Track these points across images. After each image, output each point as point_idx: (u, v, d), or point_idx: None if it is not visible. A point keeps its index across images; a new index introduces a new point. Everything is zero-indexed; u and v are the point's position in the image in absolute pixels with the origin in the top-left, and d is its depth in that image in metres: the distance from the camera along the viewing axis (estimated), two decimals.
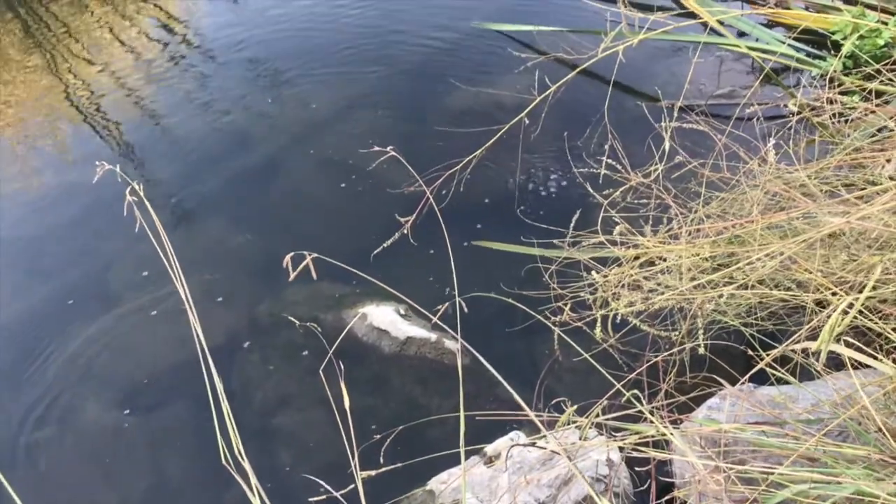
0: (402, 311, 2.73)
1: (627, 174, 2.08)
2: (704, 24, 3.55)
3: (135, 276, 2.92)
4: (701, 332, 1.83)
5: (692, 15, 3.44)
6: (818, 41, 3.70)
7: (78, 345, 2.72)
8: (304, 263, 1.57)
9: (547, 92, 2.46)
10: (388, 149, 2.27)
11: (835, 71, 3.44)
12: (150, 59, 4.17)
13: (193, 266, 2.72)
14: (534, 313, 1.89)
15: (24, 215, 3.26)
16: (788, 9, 4.00)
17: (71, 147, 3.64)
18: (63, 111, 3.85)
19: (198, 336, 2.02)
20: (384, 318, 2.68)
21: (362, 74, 3.84)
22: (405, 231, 2.27)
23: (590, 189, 2.18)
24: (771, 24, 3.94)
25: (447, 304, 2.16)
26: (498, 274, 2.63)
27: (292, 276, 1.53)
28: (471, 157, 2.49)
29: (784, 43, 3.63)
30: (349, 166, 3.24)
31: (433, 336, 2.61)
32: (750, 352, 1.89)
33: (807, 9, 4.02)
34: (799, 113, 2.15)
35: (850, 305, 1.53)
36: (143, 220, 2.17)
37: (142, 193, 2.24)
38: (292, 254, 1.62)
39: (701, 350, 1.82)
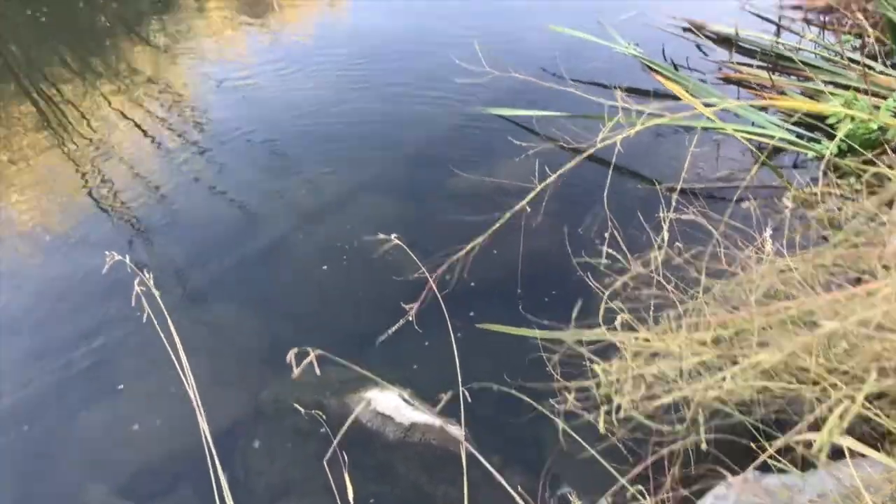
0: (406, 397, 2.73)
1: (628, 263, 2.12)
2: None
3: (139, 360, 2.94)
4: (703, 422, 1.83)
5: None
6: (812, 124, 3.79)
7: (80, 430, 2.72)
8: (307, 360, 1.59)
9: (547, 181, 2.52)
10: (392, 237, 2.32)
11: (830, 154, 3.53)
12: (159, 143, 4.27)
13: (198, 351, 2.73)
14: (537, 405, 1.90)
15: (29, 297, 3.28)
16: (783, 94, 4.11)
17: (78, 229, 3.68)
18: (72, 193, 3.92)
19: (202, 422, 2.04)
20: (388, 403, 2.69)
21: (366, 159, 3.93)
22: (409, 318, 2.31)
23: (591, 279, 2.21)
24: (765, 108, 4.05)
25: (450, 392, 2.18)
26: (501, 358, 2.64)
27: (296, 373, 1.55)
28: (472, 244, 2.53)
29: (779, 127, 3.72)
30: (354, 252, 3.29)
31: (437, 422, 2.61)
32: (753, 442, 1.89)
33: (801, 93, 4.13)
34: (795, 208, 2.20)
35: (851, 398, 1.54)
36: (148, 305, 2.21)
37: (150, 283, 2.30)
38: (296, 350, 1.64)
39: (704, 443, 1.82)
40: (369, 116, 4.36)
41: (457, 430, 2.55)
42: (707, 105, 2.93)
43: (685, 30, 4.93)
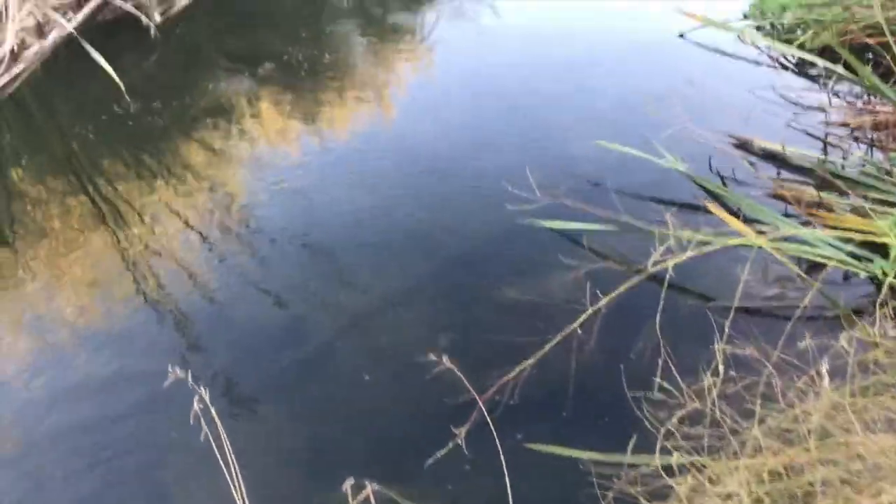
0: None
1: (681, 395, 2.11)
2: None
3: (185, 468, 2.95)
4: None
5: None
6: (865, 241, 3.76)
7: None
8: (363, 494, 1.60)
9: (597, 305, 2.55)
10: (444, 359, 2.35)
11: (883, 274, 3.50)
12: (209, 242, 4.38)
13: (243, 458, 2.74)
14: None
15: (79, 402, 3.33)
16: (832, 211, 4.11)
17: (126, 330, 3.75)
18: (122, 290, 4.01)
19: None
20: None
21: (413, 267, 3.99)
22: (459, 441, 2.31)
23: (645, 411, 2.21)
24: (814, 224, 4.05)
25: None
26: (552, 478, 2.61)
27: None
28: (521, 367, 2.55)
29: (831, 246, 3.71)
30: (400, 364, 3.30)
31: None
32: None
33: (850, 211, 4.12)
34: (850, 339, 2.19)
35: None
36: (199, 414, 2.25)
37: (207, 400, 2.34)
38: (352, 481, 1.65)
39: None
40: (417, 224, 4.44)
41: None
42: (759, 232, 2.95)
43: (732, 145, 4.99)
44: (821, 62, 5.55)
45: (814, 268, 3.77)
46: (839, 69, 5.38)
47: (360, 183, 4.92)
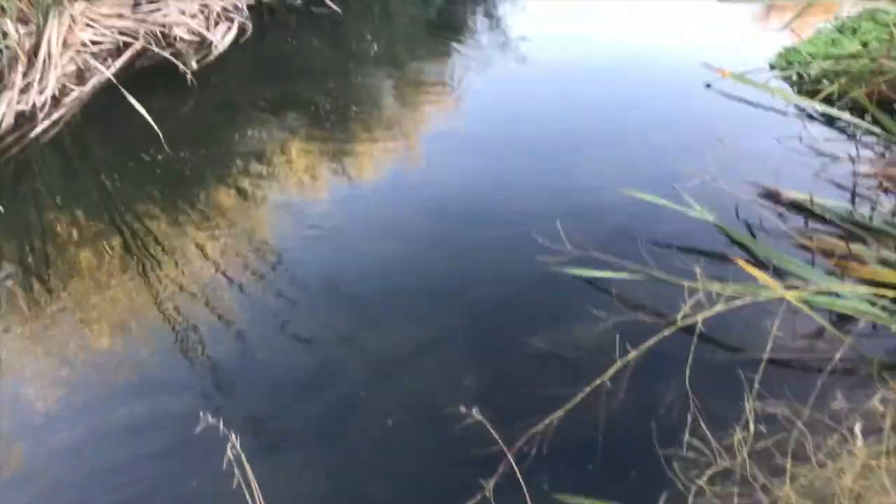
0: None
1: (712, 453, 2.10)
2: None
3: None
4: None
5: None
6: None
7: None
8: None
9: (627, 358, 2.56)
10: (472, 410, 2.37)
11: None
12: (238, 284, 4.44)
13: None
14: None
15: (102, 444, 3.36)
16: (861, 262, 4.09)
17: (156, 372, 3.79)
18: (152, 333, 4.07)
19: None
20: None
21: (440, 315, 4.02)
22: (487, 494, 2.32)
23: (676, 469, 2.20)
24: (844, 276, 4.04)
25: None
26: None
27: None
28: (549, 419, 2.56)
29: (861, 299, 3.69)
30: (429, 416, 3.31)
31: None
32: None
33: (880, 263, 4.11)
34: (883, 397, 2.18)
35: None
36: (231, 455, 2.27)
37: (237, 444, 2.37)
38: None
39: None
40: (445, 272, 4.48)
41: None
42: (789, 286, 2.96)
43: (759, 195, 5.01)
44: (847, 117, 5.57)
45: (845, 321, 3.76)
46: (865, 123, 5.40)
47: (387, 231, 4.98)
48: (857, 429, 2.02)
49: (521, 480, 2.30)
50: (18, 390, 3.71)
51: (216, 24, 8.38)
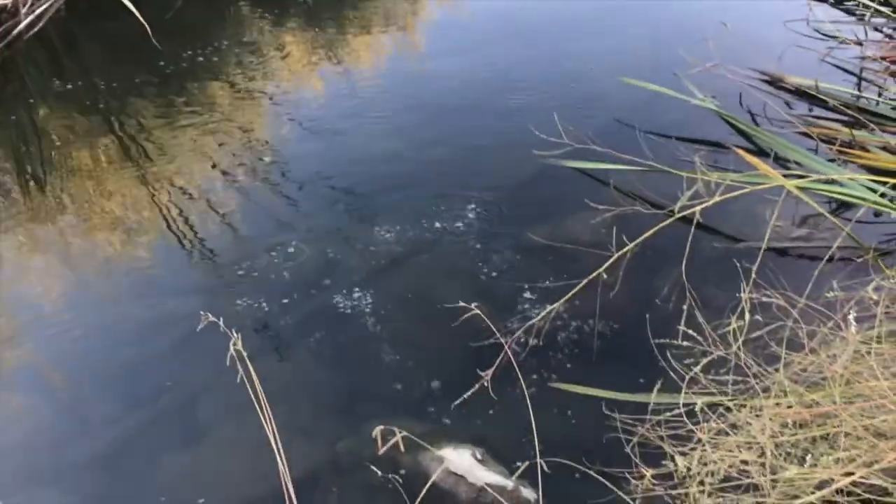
0: (480, 456, 2.76)
1: (706, 340, 2.13)
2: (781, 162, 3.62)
3: (221, 407, 3.04)
4: None
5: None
6: None
7: (163, 475, 2.83)
8: (392, 440, 1.65)
9: (624, 249, 2.55)
10: (473, 306, 2.39)
11: None
12: (238, 184, 4.40)
13: (277, 398, 2.81)
14: (613, 487, 1.92)
15: (114, 343, 3.41)
16: (864, 149, 4.04)
17: (157, 274, 3.81)
18: (150, 230, 4.08)
19: (283, 471, 2.11)
20: (462, 463, 2.71)
21: (440, 210, 3.99)
22: (485, 383, 2.36)
23: (670, 358, 2.23)
24: (846, 163, 3.99)
25: (526, 463, 2.22)
26: (576, 421, 2.66)
27: (381, 451, 1.62)
28: (547, 311, 2.57)
29: (863, 186, 3.65)
30: (429, 311, 3.33)
31: (510, 484, 2.62)
32: None
33: (884, 149, 4.05)
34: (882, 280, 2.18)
35: None
36: (233, 354, 2.31)
37: (240, 344, 2.40)
38: (381, 427, 1.70)
39: None
40: (442, 164, 4.43)
41: (530, 493, 2.57)
42: (790, 173, 2.92)
43: (763, 81, 4.89)
44: None
45: (844, 208, 3.74)
46: (874, 4, 5.22)
47: (385, 125, 4.90)
48: (852, 316, 2.04)
49: (517, 371, 2.34)
50: (21, 291, 3.74)
51: None
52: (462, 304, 2.32)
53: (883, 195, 3.62)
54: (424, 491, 1.93)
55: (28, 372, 3.31)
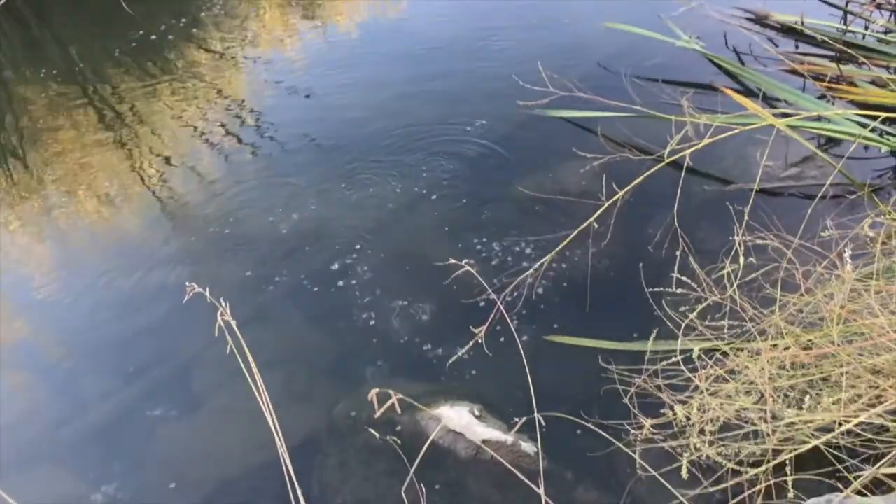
0: (477, 412, 2.74)
1: (700, 285, 2.10)
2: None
3: (214, 376, 3.01)
4: (785, 450, 1.81)
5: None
6: (889, 117, 3.65)
7: (159, 446, 2.81)
8: (388, 403, 1.62)
9: (614, 198, 2.51)
10: (464, 262, 2.34)
11: None
12: (219, 147, 4.33)
13: (270, 365, 2.79)
14: (612, 439, 1.90)
15: (103, 316, 3.37)
16: (853, 84, 3.98)
17: (142, 243, 3.75)
18: (133, 205, 4.01)
19: (278, 440, 2.08)
20: (459, 420, 2.70)
21: (427, 166, 3.93)
22: (479, 340, 2.33)
23: (665, 306, 2.20)
24: (835, 99, 3.94)
25: (524, 418, 2.20)
26: (572, 373, 2.65)
27: (377, 413, 1.59)
28: (538, 264, 2.54)
29: (851, 121, 3.61)
30: (419, 268, 3.30)
31: (509, 439, 2.61)
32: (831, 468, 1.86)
33: (871, 83, 4.00)
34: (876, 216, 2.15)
35: None
36: (220, 322, 2.27)
37: (228, 315, 2.35)
38: (377, 390, 1.67)
39: (788, 468, 1.80)
40: (426, 118, 4.34)
41: (529, 447, 2.56)
42: (779, 112, 2.86)
43: (748, 20, 4.81)
44: None
45: (834, 144, 3.69)
46: None
47: (367, 82, 4.81)
48: (847, 254, 2.01)
49: (511, 326, 2.31)
50: (5, 266, 3.69)
51: None
52: (453, 261, 2.27)
53: (873, 130, 3.58)
54: (424, 449, 1.90)
55: (18, 348, 3.28)
